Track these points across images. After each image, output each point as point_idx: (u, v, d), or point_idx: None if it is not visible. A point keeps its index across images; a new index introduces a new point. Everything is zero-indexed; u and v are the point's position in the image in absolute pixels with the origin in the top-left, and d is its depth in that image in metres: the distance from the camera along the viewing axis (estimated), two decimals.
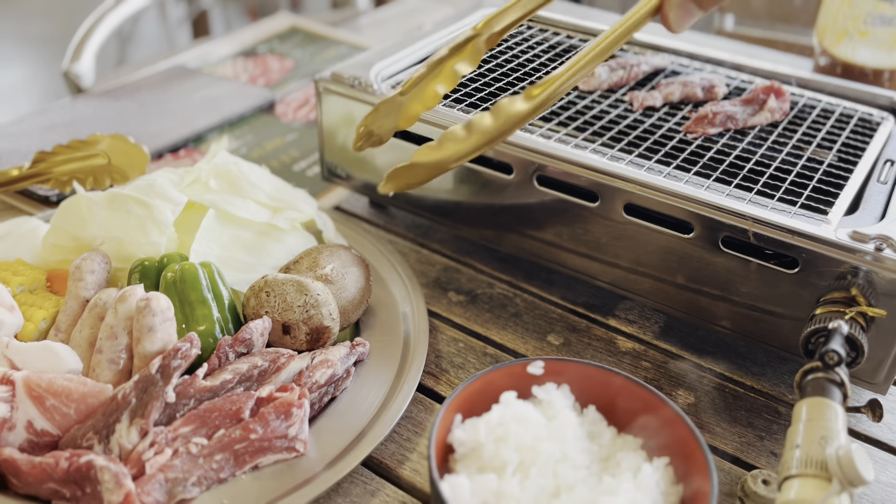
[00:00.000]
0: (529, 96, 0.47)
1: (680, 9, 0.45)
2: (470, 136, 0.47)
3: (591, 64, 0.48)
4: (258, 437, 0.55)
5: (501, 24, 0.51)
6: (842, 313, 0.57)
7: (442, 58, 0.51)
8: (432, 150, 0.49)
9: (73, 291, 0.63)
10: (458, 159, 0.49)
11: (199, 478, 0.54)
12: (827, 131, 0.76)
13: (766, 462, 0.61)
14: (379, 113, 0.53)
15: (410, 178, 0.50)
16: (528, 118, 0.48)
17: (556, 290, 0.78)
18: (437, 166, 0.49)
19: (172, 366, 0.56)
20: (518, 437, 0.50)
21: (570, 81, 0.48)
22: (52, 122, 1.01)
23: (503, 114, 0.47)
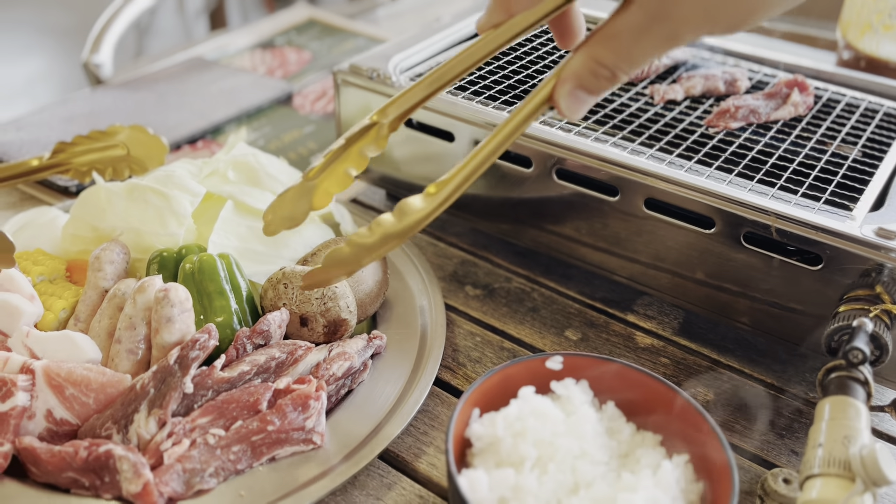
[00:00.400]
0: (428, 194, 0.48)
1: (571, 97, 0.45)
2: (373, 236, 0.48)
3: (487, 161, 0.48)
4: (275, 429, 0.55)
5: (397, 111, 0.51)
6: (866, 311, 0.56)
7: (344, 145, 0.52)
8: (339, 252, 0.50)
9: (92, 282, 0.63)
10: (361, 260, 0.50)
11: (216, 469, 0.54)
12: (851, 126, 0.75)
13: (787, 461, 0.60)
14: (286, 199, 0.53)
15: (327, 276, 0.51)
16: (428, 217, 0.49)
17: (575, 285, 0.77)
18: (345, 265, 0.50)
19: (190, 357, 0.56)
20: (536, 432, 0.50)
21: (468, 180, 0.48)
22: (72, 113, 1.02)
23: (403, 213, 0.48)
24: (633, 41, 0.42)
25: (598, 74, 0.44)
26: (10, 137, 0.95)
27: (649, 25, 0.41)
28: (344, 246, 0.49)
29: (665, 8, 0.41)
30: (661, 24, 0.41)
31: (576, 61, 0.44)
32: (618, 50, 0.43)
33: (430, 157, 0.78)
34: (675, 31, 0.42)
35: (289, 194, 0.53)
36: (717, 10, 0.41)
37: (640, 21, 0.41)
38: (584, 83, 0.45)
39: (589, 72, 0.44)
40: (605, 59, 0.43)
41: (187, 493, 0.53)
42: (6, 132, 0.97)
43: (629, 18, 0.42)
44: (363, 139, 0.52)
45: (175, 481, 0.52)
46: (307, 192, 0.53)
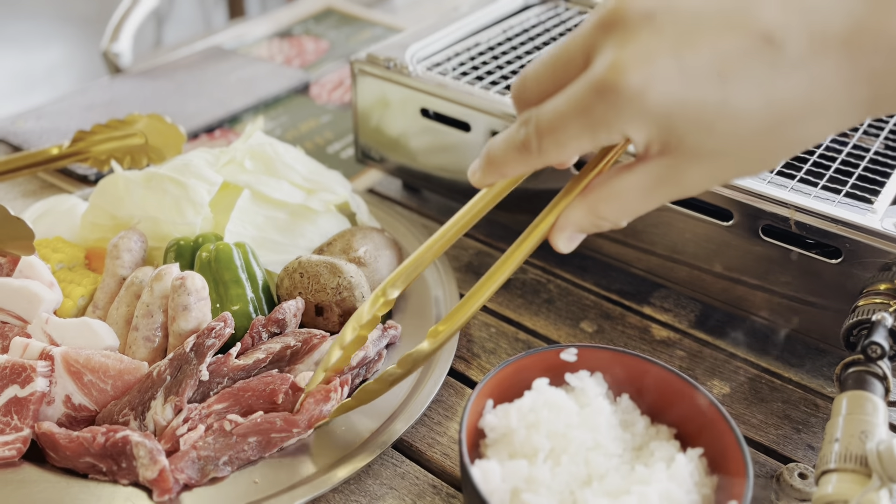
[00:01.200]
0: (434, 334, 0.52)
1: (569, 241, 0.47)
2: (377, 383, 0.54)
3: (491, 294, 0.51)
4: (300, 430, 0.55)
5: (397, 290, 0.54)
6: (886, 305, 0.56)
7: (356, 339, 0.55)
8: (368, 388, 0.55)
9: (110, 269, 0.64)
10: (369, 401, 0.56)
11: (230, 457, 0.54)
12: (873, 118, 0.74)
13: (803, 455, 0.60)
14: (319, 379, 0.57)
15: (341, 412, 0.57)
16: (432, 354, 0.53)
17: (590, 277, 0.77)
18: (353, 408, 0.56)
19: (206, 344, 0.57)
20: (550, 423, 0.50)
21: (470, 314, 0.51)
22: (92, 102, 1.02)
23: (410, 360, 0.52)
24: (637, 200, 0.43)
25: (600, 226, 0.45)
26: (30, 126, 0.96)
27: (656, 188, 0.42)
28: (351, 401, 0.55)
29: (675, 176, 0.41)
30: (669, 187, 0.42)
31: (577, 213, 0.45)
32: (622, 208, 0.43)
33: (447, 147, 0.77)
34: (682, 192, 0.42)
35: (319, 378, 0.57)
36: (727, 174, 0.41)
37: (648, 184, 0.41)
38: (583, 230, 0.46)
39: (590, 224, 0.45)
40: (608, 215, 0.44)
41: (202, 480, 0.53)
42: (26, 121, 0.97)
43: (637, 180, 0.42)
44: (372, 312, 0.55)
45: (190, 468, 0.53)
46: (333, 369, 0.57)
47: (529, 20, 0.92)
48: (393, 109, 0.79)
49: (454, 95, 0.74)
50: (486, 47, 0.85)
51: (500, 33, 0.88)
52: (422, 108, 0.77)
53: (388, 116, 0.80)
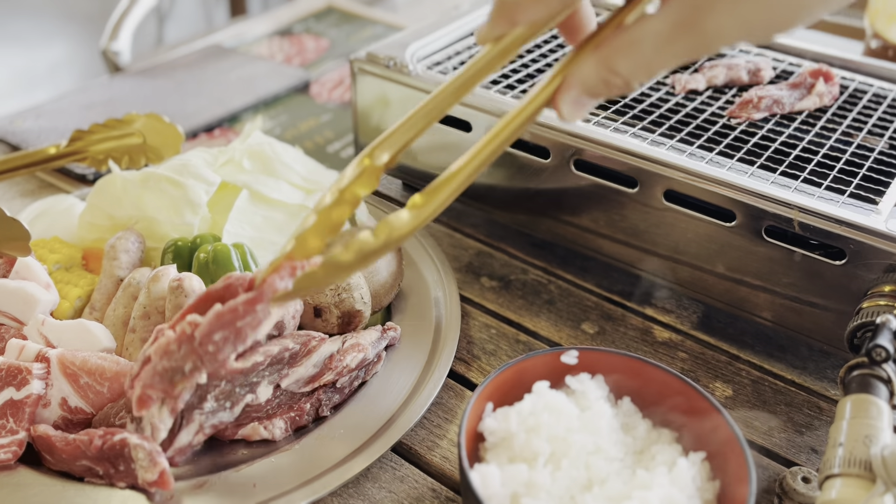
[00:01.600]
0: (414, 206, 0.44)
1: (575, 104, 0.42)
2: (349, 254, 0.45)
3: (482, 166, 0.45)
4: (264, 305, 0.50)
5: (391, 150, 0.47)
6: (890, 307, 0.55)
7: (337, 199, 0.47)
8: (313, 276, 0.46)
9: (107, 270, 0.63)
10: (336, 280, 0.47)
11: (195, 364, 0.50)
12: (878, 117, 0.73)
13: (807, 459, 0.59)
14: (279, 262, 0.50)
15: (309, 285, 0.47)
16: (412, 232, 0.45)
17: (592, 278, 0.76)
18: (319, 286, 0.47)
19: None
20: (550, 427, 0.50)
21: (460, 189, 0.45)
22: (91, 101, 1.02)
23: (389, 228, 0.44)
24: (655, 51, 0.38)
25: (611, 84, 0.40)
26: (28, 125, 0.96)
27: (676, 35, 0.38)
28: (318, 269, 0.45)
29: (697, 18, 0.37)
30: (690, 34, 0.37)
31: (587, 67, 0.40)
32: (637, 59, 0.39)
33: (447, 146, 0.77)
34: (704, 42, 0.38)
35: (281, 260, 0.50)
36: (756, 19, 0.37)
37: (667, 30, 0.38)
38: (593, 90, 0.41)
39: (601, 80, 0.40)
40: (621, 69, 0.39)
41: (172, 392, 0.50)
42: (25, 120, 0.97)
43: (654, 26, 0.38)
44: (355, 182, 0.47)
45: (158, 382, 0.50)
46: (301, 249, 0.48)
47: None
48: (393, 108, 0.79)
49: None
50: None
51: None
52: None
53: (389, 115, 0.79)
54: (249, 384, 0.58)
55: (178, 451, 0.55)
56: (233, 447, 0.57)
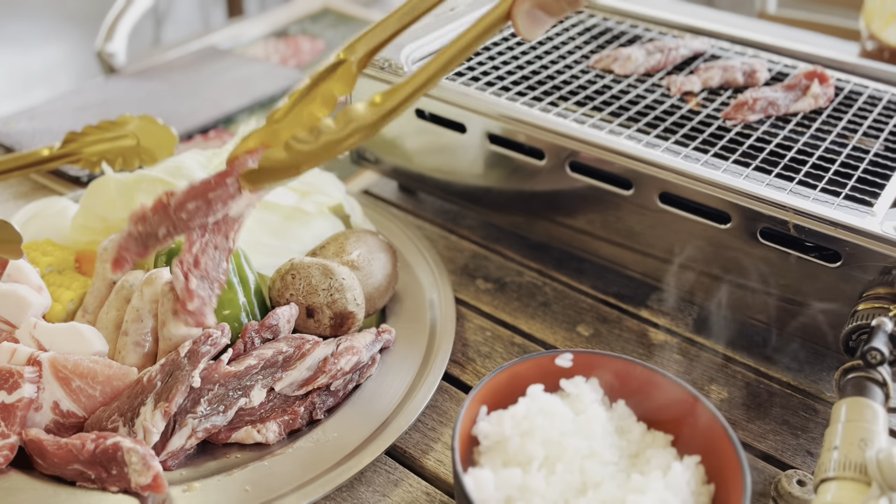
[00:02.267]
0: (373, 104, 0.47)
1: (528, 17, 0.45)
2: (314, 143, 0.48)
3: (439, 75, 0.47)
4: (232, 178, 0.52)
5: (366, 47, 0.50)
6: (885, 310, 0.55)
7: (310, 85, 0.50)
8: (275, 157, 0.50)
9: (100, 273, 0.63)
10: (300, 167, 0.50)
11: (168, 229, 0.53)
12: (873, 119, 0.73)
13: (802, 462, 0.59)
14: (248, 143, 0.52)
15: (265, 179, 0.52)
16: (372, 128, 0.47)
17: (587, 280, 0.76)
18: (283, 172, 0.51)
19: (201, 351, 0.56)
20: (544, 431, 0.49)
21: (416, 94, 0.47)
22: (85, 103, 1.01)
23: (347, 120, 0.47)
24: None
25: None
26: (22, 127, 0.95)
27: None
28: (282, 151, 0.48)
29: None
30: None
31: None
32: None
33: (442, 148, 0.77)
34: None
35: (251, 139, 0.52)
36: None
37: None
38: (545, 3, 0.44)
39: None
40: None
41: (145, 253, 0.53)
42: (19, 121, 0.97)
43: None
44: (330, 79, 0.50)
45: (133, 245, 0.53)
46: (272, 135, 0.51)
47: None
48: None
49: (450, 96, 0.73)
50: (482, 48, 0.84)
51: (497, 33, 0.87)
52: (417, 109, 0.76)
53: None
54: (243, 388, 0.57)
55: (171, 454, 0.55)
56: (226, 450, 0.57)
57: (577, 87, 0.77)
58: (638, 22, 0.92)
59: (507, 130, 0.71)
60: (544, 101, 0.73)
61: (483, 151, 0.74)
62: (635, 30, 0.90)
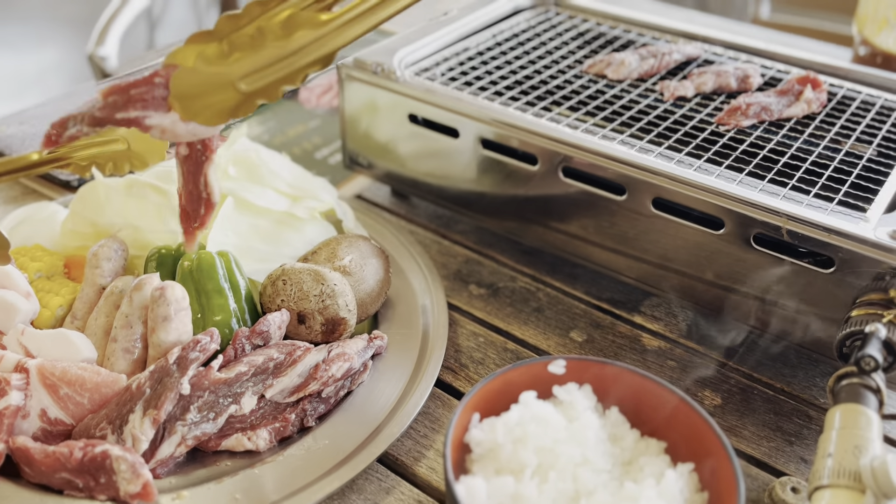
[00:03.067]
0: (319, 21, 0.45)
1: None
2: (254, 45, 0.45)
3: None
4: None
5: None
6: (879, 316, 0.55)
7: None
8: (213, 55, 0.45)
9: (89, 279, 0.62)
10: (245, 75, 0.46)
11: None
12: (866, 124, 0.73)
13: (796, 468, 0.59)
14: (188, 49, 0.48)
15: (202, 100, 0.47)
16: (320, 45, 0.45)
17: (581, 285, 0.76)
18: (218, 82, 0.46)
19: (190, 358, 0.55)
20: (537, 438, 0.49)
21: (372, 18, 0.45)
22: (76, 107, 1.01)
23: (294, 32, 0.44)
24: None
25: None
26: (13, 131, 0.95)
27: None
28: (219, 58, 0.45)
29: None
30: None
31: None
32: None
33: (435, 153, 0.76)
34: None
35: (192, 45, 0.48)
36: None
37: None
38: None
39: None
40: None
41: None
42: (9, 125, 0.96)
43: None
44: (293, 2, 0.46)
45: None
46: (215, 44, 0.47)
47: (519, 25, 0.91)
48: (381, 115, 0.78)
49: (442, 101, 0.73)
50: (475, 52, 0.84)
51: (490, 38, 0.87)
52: (410, 114, 0.76)
53: (376, 122, 0.79)
54: (233, 395, 0.57)
55: (160, 462, 0.55)
56: (216, 458, 0.56)
57: (570, 92, 0.76)
58: (631, 27, 0.92)
59: (500, 135, 0.71)
60: (537, 106, 0.73)
61: (476, 156, 0.73)
62: (628, 35, 0.90)
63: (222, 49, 0.45)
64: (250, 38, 0.45)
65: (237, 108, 0.47)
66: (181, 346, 0.56)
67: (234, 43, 0.45)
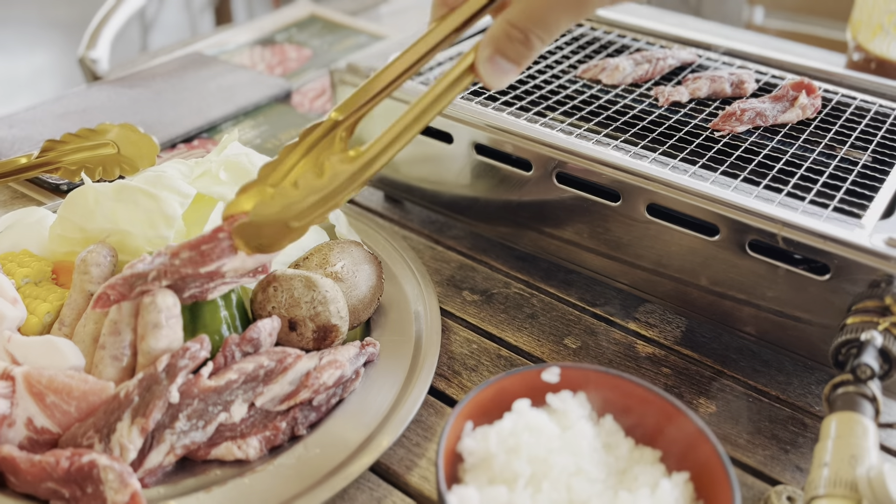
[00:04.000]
0: (349, 159, 0.51)
1: (490, 63, 0.47)
2: (299, 191, 0.52)
3: (410, 131, 0.50)
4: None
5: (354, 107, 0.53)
6: (874, 323, 0.54)
7: (303, 147, 0.53)
8: (265, 206, 0.53)
9: (77, 285, 0.62)
10: (294, 219, 0.53)
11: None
12: (861, 130, 0.73)
13: (791, 477, 0.58)
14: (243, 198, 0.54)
15: (262, 239, 0.54)
16: (353, 179, 0.51)
17: (575, 291, 0.75)
18: (275, 224, 0.53)
19: (179, 365, 0.55)
20: (530, 448, 0.48)
21: (392, 149, 0.51)
22: (66, 110, 1.00)
23: (329, 172, 0.51)
24: (545, 6, 0.45)
25: (512, 37, 0.45)
26: (2, 134, 0.94)
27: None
28: (271, 203, 0.52)
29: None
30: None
31: (494, 27, 0.46)
32: (530, 13, 0.45)
33: (429, 158, 0.76)
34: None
35: (244, 196, 0.54)
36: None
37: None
38: (501, 48, 0.46)
39: (504, 34, 0.46)
40: (517, 22, 0.45)
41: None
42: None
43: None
44: (322, 145, 0.53)
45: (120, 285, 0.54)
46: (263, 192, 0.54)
47: None
48: (374, 119, 0.78)
49: None
50: None
51: (466, 88, 0.87)
52: None
53: (369, 127, 0.78)
54: (223, 403, 0.56)
55: (149, 472, 0.54)
56: (205, 467, 0.56)
57: (564, 98, 0.76)
58: (626, 32, 0.91)
59: (494, 141, 0.70)
60: (531, 112, 0.73)
61: (470, 162, 0.73)
62: (623, 40, 0.90)
63: (272, 196, 0.52)
64: (293, 188, 0.52)
65: (291, 235, 0.54)
66: (170, 354, 0.55)
67: (281, 193, 0.52)
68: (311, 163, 0.52)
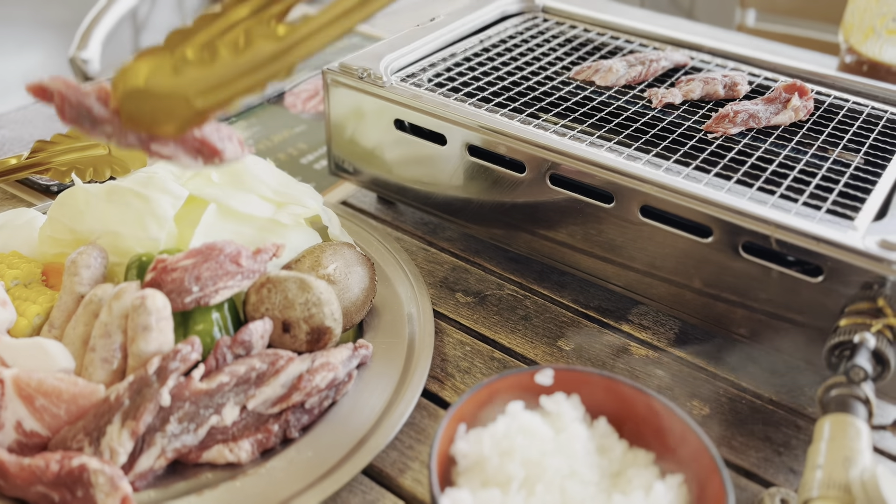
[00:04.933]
0: (275, 36, 0.43)
1: None
2: (208, 65, 0.43)
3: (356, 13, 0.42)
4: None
5: None
6: (867, 325, 0.54)
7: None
8: (165, 75, 0.43)
9: (67, 286, 0.61)
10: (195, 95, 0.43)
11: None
12: (854, 132, 0.73)
13: (785, 479, 0.58)
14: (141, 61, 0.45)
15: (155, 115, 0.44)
16: (275, 58, 0.43)
17: (568, 293, 0.75)
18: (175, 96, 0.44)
19: (170, 368, 0.54)
20: (524, 450, 0.48)
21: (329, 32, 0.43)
22: None
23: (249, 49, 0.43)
24: None
25: None
26: None
27: None
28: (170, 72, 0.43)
29: None
30: None
31: None
32: None
33: (422, 159, 0.76)
34: None
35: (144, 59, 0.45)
36: None
37: None
38: None
39: None
40: None
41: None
42: None
43: None
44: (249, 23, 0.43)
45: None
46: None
47: (507, 31, 0.91)
48: (367, 121, 0.77)
49: (429, 107, 0.72)
50: (463, 58, 0.83)
51: (478, 44, 0.87)
52: (396, 120, 0.75)
53: (362, 128, 0.78)
54: (214, 405, 0.56)
55: (139, 475, 0.53)
56: (197, 471, 0.55)
57: (557, 99, 0.76)
58: (619, 34, 0.91)
59: (488, 142, 0.70)
60: (525, 113, 0.72)
61: (463, 163, 0.73)
62: (616, 42, 0.90)
63: (176, 64, 0.44)
64: (202, 61, 0.43)
65: (193, 119, 0.45)
66: (161, 356, 0.55)
67: (187, 62, 0.43)
68: (229, 37, 0.43)
